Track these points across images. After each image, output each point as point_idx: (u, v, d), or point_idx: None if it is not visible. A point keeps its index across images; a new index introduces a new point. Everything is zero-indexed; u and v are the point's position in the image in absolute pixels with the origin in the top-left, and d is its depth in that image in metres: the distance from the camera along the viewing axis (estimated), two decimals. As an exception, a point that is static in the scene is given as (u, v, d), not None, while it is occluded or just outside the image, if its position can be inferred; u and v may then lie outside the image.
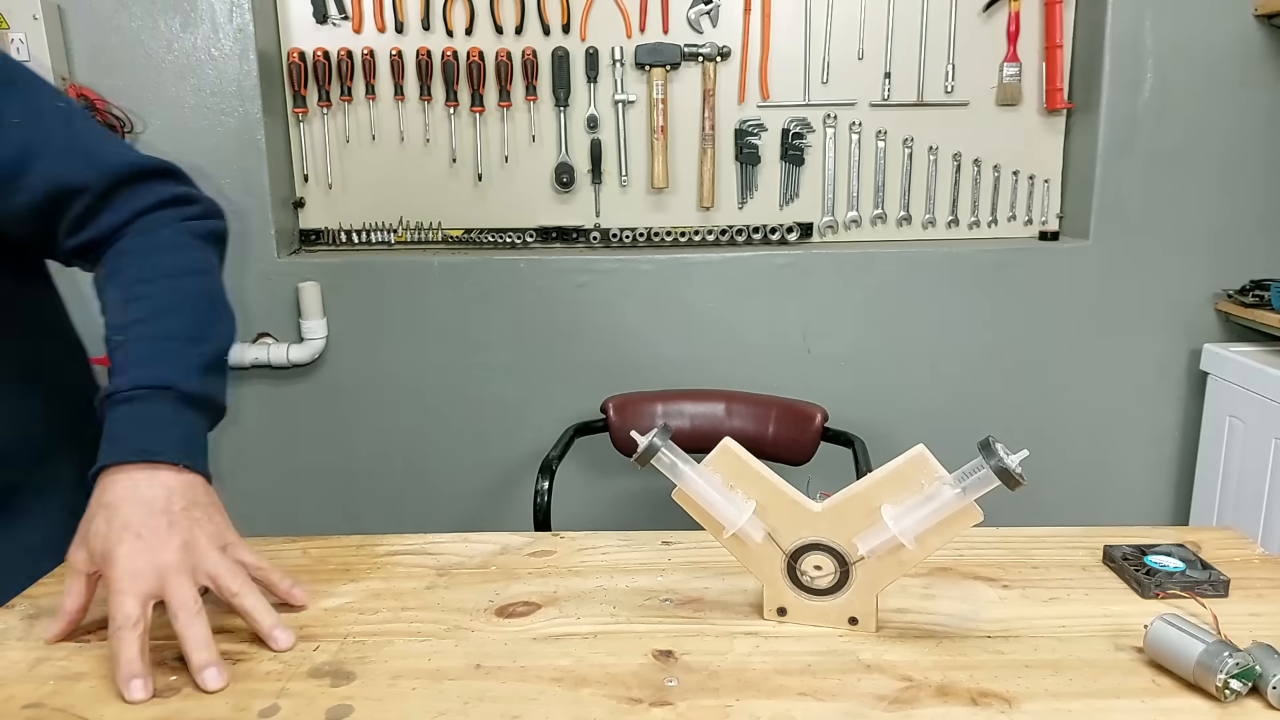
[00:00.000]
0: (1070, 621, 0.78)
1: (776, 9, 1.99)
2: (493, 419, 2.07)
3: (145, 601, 0.70)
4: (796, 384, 2.01)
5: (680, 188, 2.08)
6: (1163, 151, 1.97)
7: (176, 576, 0.71)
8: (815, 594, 0.77)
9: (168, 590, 0.70)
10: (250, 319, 2.01)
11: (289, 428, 2.06)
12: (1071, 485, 2.12)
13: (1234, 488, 1.93)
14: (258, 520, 2.10)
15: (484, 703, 0.67)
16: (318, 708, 0.67)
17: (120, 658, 0.67)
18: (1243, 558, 0.89)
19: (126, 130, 1.89)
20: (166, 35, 1.88)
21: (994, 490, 0.71)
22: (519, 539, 0.96)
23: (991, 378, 2.06)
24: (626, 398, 1.82)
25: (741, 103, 2.04)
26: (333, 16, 1.98)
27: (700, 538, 0.91)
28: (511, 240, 2.09)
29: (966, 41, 2.02)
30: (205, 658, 0.69)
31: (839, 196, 2.09)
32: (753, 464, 0.77)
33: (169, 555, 0.71)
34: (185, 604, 0.70)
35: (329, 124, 2.04)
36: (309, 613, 0.82)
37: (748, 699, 0.67)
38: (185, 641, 0.70)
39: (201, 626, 0.70)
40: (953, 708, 0.66)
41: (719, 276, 2.01)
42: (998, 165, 2.07)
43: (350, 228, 2.09)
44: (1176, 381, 2.08)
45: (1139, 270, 2.02)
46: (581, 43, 2.00)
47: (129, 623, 0.68)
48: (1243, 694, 0.66)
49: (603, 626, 0.79)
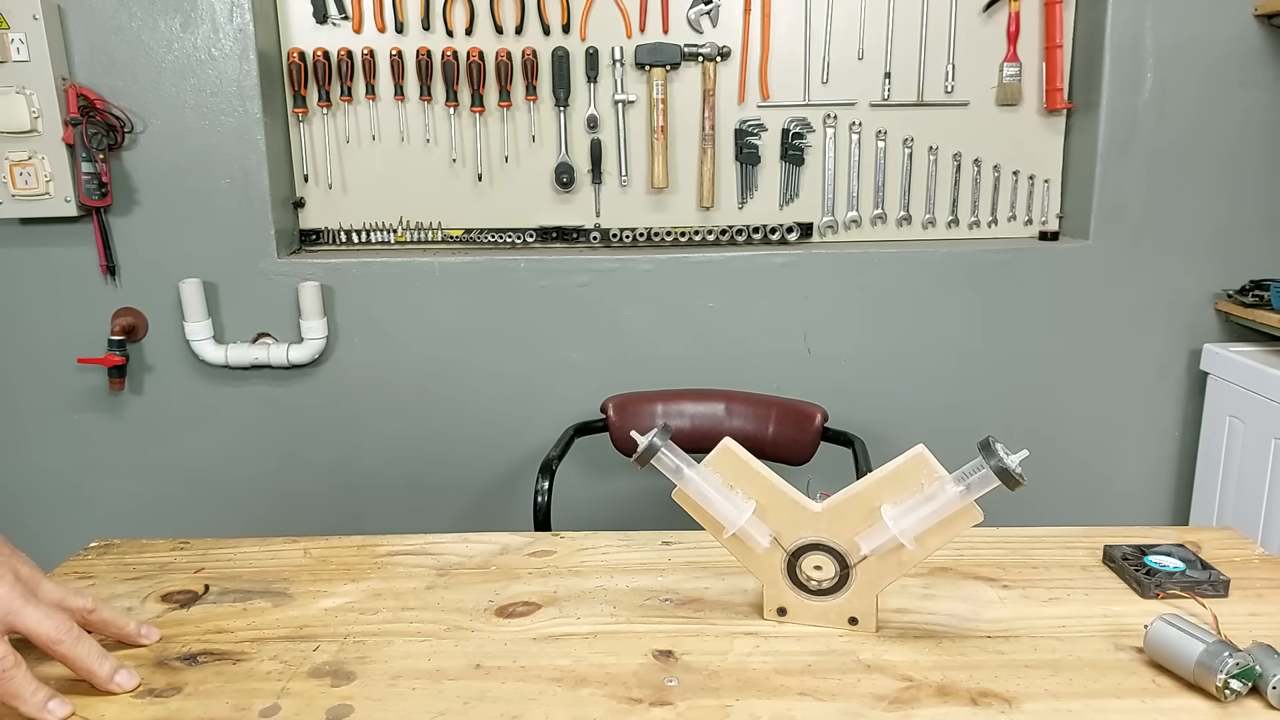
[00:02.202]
0: (1070, 621, 0.78)
1: (776, 9, 1.99)
2: (493, 419, 2.07)
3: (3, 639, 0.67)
4: (796, 384, 2.01)
5: (680, 188, 2.08)
6: (1163, 151, 1.97)
7: (23, 610, 0.67)
8: (815, 594, 0.77)
9: (21, 626, 0.67)
10: (250, 319, 2.01)
11: (289, 428, 2.06)
12: (1071, 485, 2.12)
13: (1234, 488, 1.93)
14: (257, 521, 2.10)
15: (484, 703, 0.68)
16: (318, 708, 0.67)
17: (22, 693, 0.66)
18: (1243, 558, 0.89)
19: (126, 130, 1.89)
20: (166, 35, 1.88)
21: (994, 490, 0.71)
22: (519, 539, 0.96)
23: (991, 377, 2.06)
24: (626, 398, 1.82)
25: (741, 103, 2.04)
26: (333, 16, 1.98)
27: (700, 538, 0.91)
28: (512, 240, 2.09)
29: (966, 41, 2.02)
30: (110, 665, 0.69)
31: (839, 196, 2.09)
32: (753, 464, 0.77)
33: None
34: (49, 633, 0.67)
35: (329, 124, 2.03)
36: (309, 613, 0.82)
37: (748, 699, 0.68)
38: (81, 662, 0.68)
39: (87, 642, 0.69)
40: (953, 708, 0.66)
41: (719, 276, 2.01)
42: (998, 165, 2.07)
43: (350, 228, 2.09)
44: (1176, 381, 2.08)
45: (1139, 270, 2.02)
46: (581, 43, 2.00)
47: (6, 665, 0.66)
48: (1243, 694, 0.66)
49: (603, 626, 0.79)
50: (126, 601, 0.85)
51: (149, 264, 1.97)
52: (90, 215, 1.91)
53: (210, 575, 0.90)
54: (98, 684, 0.69)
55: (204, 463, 2.08)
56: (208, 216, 1.95)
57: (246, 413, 2.05)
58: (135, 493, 2.09)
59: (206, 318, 1.97)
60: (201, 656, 0.75)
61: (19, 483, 2.09)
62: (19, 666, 0.66)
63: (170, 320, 1.99)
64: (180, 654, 0.75)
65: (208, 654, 0.75)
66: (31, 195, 1.85)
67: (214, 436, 2.06)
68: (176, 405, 2.04)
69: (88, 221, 1.92)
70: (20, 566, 0.71)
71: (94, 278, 1.97)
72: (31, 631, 0.67)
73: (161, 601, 0.85)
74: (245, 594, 0.86)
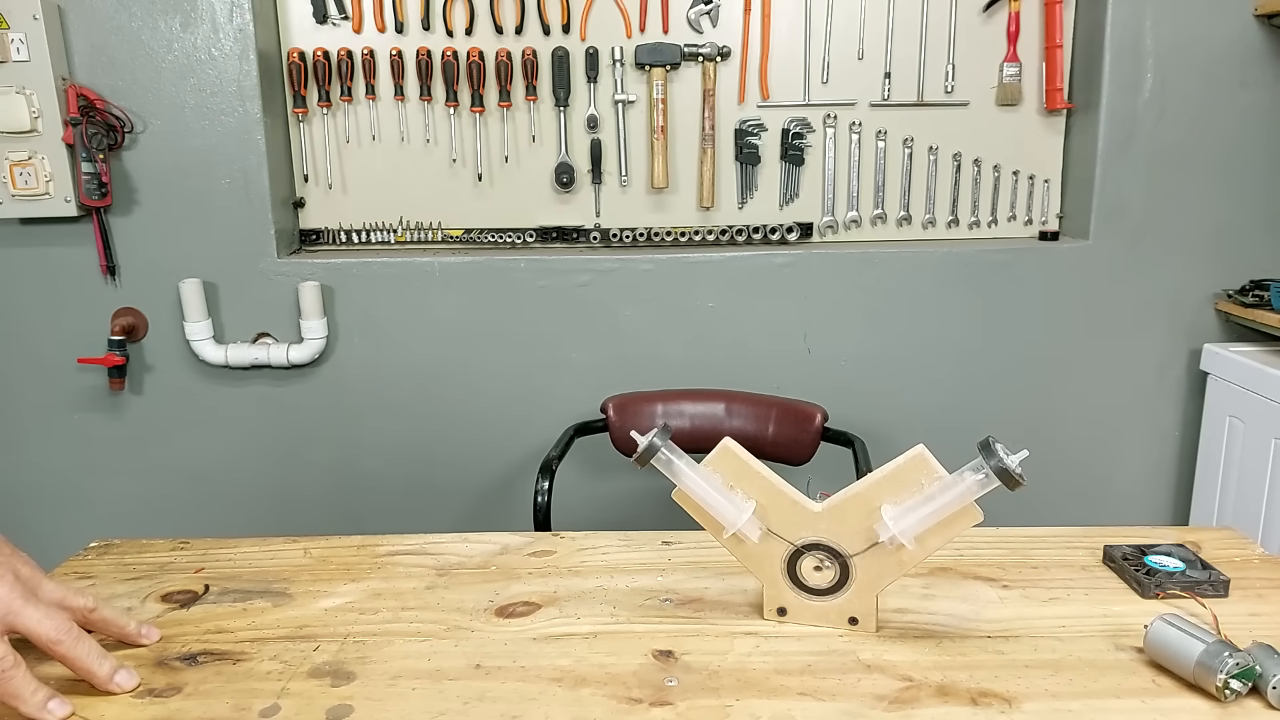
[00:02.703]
0: (1070, 621, 0.78)
1: (776, 9, 1.99)
2: (493, 419, 2.07)
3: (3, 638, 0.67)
4: (796, 384, 2.01)
5: (680, 188, 2.08)
6: (1163, 151, 1.97)
7: (23, 610, 0.67)
8: (815, 594, 0.77)
9: (21, 626, 0.68)
10: (250, 319, 2.01)
11: (289, 428, 2.06)
12: (1071, 485, 2.12)
13: (1234, 488, 1.93)
14: (257, 521, 2.10)
15: (484, 703, 0.68)
16: (318, 708, 0.67)
17: (22, 693, 0.66)
18: (1243, 558, 0.89)
19: (126, 130, 1.89)
20: (166, 35, 1.88)
21: (994, 490, 0.71)
22: (519, 539, 0.96)
23: (991, 378, 2.06)
24: (626, 398, 1.82)
25: (741, 103, 2.04)
26: (333, 16, 1.98)
27: (700, 538, 0.91)
28: (512, 240, 2.09)
29: (966, 41, 2.02)
30: (110, 665, 0.69)
31: (839, 196, 2.09)
32: (753, 464, 0.77)
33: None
34: (49, 633, 0.68)
35: (329, 124, 2.03)
36: (309, 613, 0.82)
37: (748, 699, 0.68)
38: (80, 662, 0.68)
39: (87, 642, 0.69)
40: (953, 708, 0.66)
41: (719, 276, 2.01)
42: (998, 165, 2.07)
43: (350, 228, 2.09)
44: (1176, 381, 2.08)
45: (1139, 270, 2.02)
46: (581, 43, 2.00)
47: (5, 665, 0.66)
48: (1243, 694, 0.66)
49: (603, 626, 0.79)
50: (126, 601, 0.85)
51: (149, 264, 1.97)
52: (90, 215, 1.91)
53: (210, 575, 0.90)
54: (97, 684, 0.69)
55: (204, 463, 2.08)
56: (208, 216, 1.95)
57: (246, 413, 2.05)
58: (135, 493, 2.09)
59: (206, 318, 1.97)
60: (201, 656, 0.75)
61: (19, 483, 2.09)
62: (19, 667, 0.66)
63: (170, 320, 1.99)
64: (180, 654, 0.75)
65: (208, 654, 0.75)
66: (31, 195, 1.85)
67: (214, 436, 2.06)
68: (176, 405, 2.04)
69: (88, 221, 1.92)
70: (20, 566, 0.71)
71: (94, 278, 1.97)
72: (31, 631, 0.67)
73: (161, 601, 0.85)
74: (245, 594, 0.86)
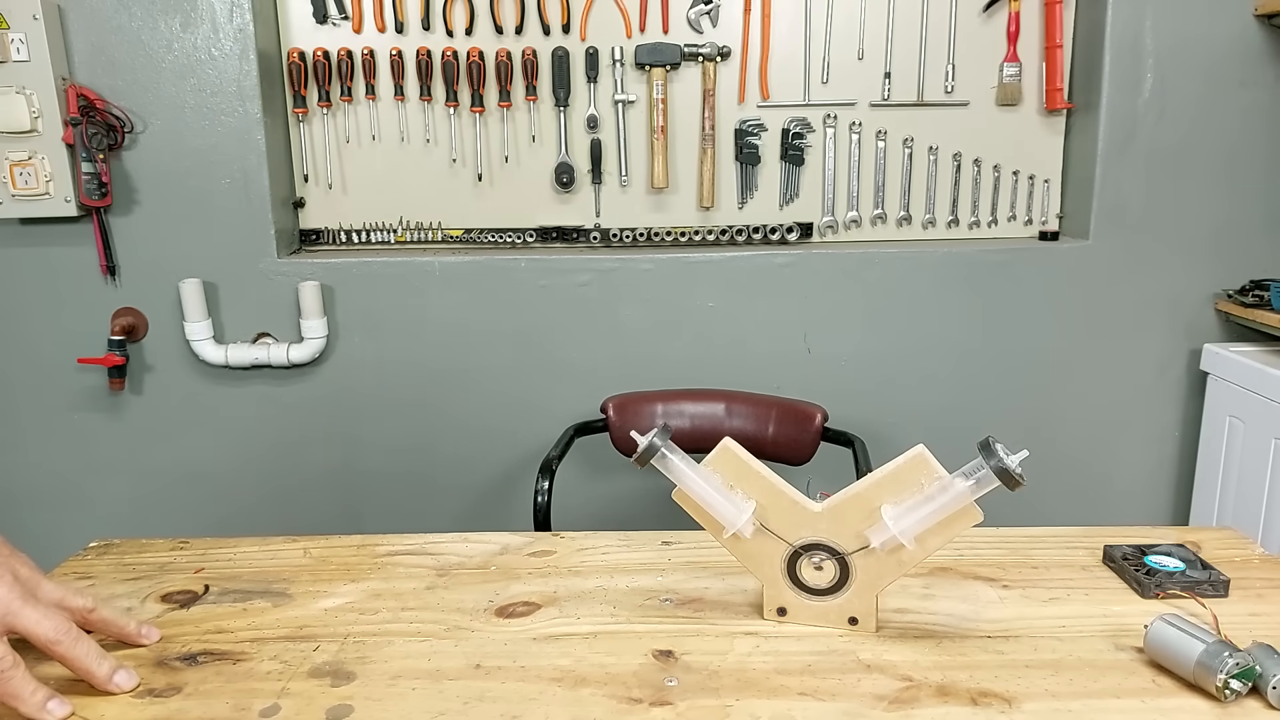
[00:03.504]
0: (1070, 621, 0.78)
1: (776, 9, 1.99)
2: (493, 419, 2.07)
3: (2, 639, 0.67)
4: (796, 384, 2.01)
5: (680, 188, 2.08)
6: (1163, 151, 1.97)
7: (22, 610, 0.67)
8: (815, 594, 0.77)
9: (20, 626, 0.67)
10: (250, 319, 2.01)
11: (289, 428, 2.06)
12: (1071, 485, 2.12)
13: (1234, 488, 1.93)
14: (257, 521, 2.10)
15: (484, 703, 0.68)
16: (318, 708, 0.67)
17: (21, 693, 0.66)
18: (1243, 558, 0.89)
19: (126, 130, 1.89)
20: (166, 35, 1.88)
21: (994, 490, 0.71)
22: (519, 539, 0.96)
23: (991, 377, 2.06)
24: (626, 398, 1.82)
25: (741, 103, 2.04)
26: (333, 16, 1.98)
27: (700, 538, 0.91)
28: (512, 240, 2.09)
29: (966, 41, 2.02)
30: (109, 665, 0.69)
31: (839, 196, 2.09)
32: (753, 464, 0.77)
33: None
34: (48, 633, 0.67)
35: (329, 124, 2.03)
36: (309, 613, 0.82)
37: (748, 699, 0.68)
38: (79, 662, 0.68)
39: (86, 642, 0.69)
40: (953, 708, 0.66)
41: (719, 276, 2.01)
42: (998, 165, 2.07)
43: (350, 228, 2.09)
44: (1176, 381, 2.08)
45: (1139, 270, 2.02)
46: (581, 43, 2.00)
47: (5, 665, 0.66)
48: (1243, 694, 0.66)
49: (603, 626, 0.79)
50: (126, 601, 0.85)
51: (149, 264, 1.97)
52: (90, 215, 1.91)
53: (210, 575, 0.90)
54: (97, 684, 0.69)
55: (204, 463, 2.08)
56: (208, 216, 1.95)
57: (246, 412, 2.05)
58: (135, 493, 2.09)
59: (206, 318, 1.97)
60: (201, 656, 0.75)
61: (19, 483, 2.09)
62: (18, 667, 0.66)
63: (170, 320, 1.99)
64: (180, 654, 0.75)
65: (208, 654, 0.75)
66: (31, 195, 1.85)
67: (214, 436, 2.06)
68: (176, 405, 2.04)
69: (88, 221, 1.92)
70: (20, 567, 0.71)
71: (94, 278, 1.97)
72: (30, 632, 0.67)
73: (161, 601, 0.85)
74: (245, 594, 0.86)
